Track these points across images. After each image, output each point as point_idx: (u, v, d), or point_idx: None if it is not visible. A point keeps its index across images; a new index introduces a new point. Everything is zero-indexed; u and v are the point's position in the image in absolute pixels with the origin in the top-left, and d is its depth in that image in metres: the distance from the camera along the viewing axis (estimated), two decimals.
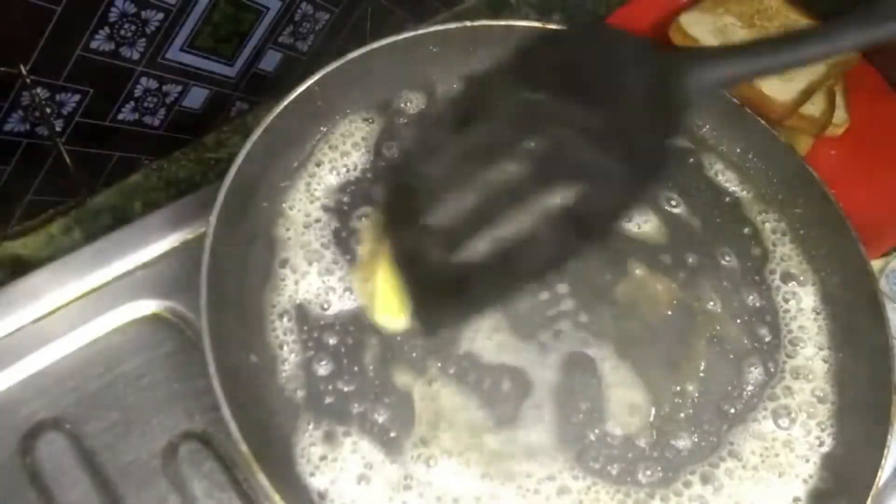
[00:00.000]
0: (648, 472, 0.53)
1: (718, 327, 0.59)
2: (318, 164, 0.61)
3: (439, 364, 0.54)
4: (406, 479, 0.51)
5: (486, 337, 0.56)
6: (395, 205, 0.52)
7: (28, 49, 0.53)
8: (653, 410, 0.55)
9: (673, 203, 0.64)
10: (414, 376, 0.54)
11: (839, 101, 0.77)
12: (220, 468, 0.54)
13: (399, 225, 0.51)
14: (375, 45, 0.62)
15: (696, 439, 0.54)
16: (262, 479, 0.45)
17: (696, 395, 0.56)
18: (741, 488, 0.53)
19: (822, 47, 0.45)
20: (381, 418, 0.52)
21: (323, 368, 0.54)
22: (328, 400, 0.52)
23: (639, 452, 0.54)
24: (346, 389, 0.53)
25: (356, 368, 0.54)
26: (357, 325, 0.55)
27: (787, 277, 0.62)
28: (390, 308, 0.51)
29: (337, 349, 0.54)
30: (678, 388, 0.56)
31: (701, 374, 0.57)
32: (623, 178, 0.46)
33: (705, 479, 0.53)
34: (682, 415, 0.55)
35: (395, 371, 0.54)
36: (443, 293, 0.49)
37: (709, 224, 0.64)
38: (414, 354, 0.54)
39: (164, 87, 0.63)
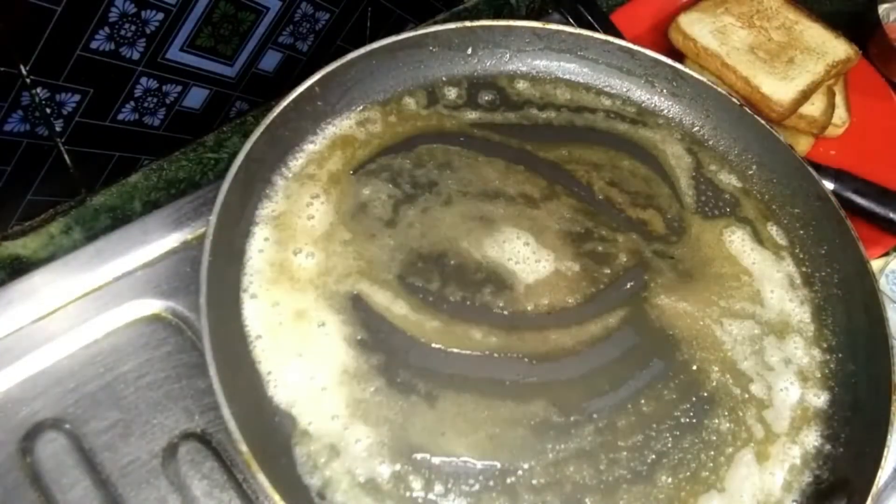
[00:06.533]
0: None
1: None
2: (318, 165, 0.61)
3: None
4: (405, 481, 0.51)
5: None
6: None
7: (28, 49, 0.53)
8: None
9: None
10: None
11: (839, 101, 0.77)
12: (220, 468, 0.54)
13: None
14: (375, 45, 0.62)
15: (696, 439, 0.54)
16: (262, 479, 0.45)
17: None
18: (741, 488, 0.53)
19: None
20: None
21: None
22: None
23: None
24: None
25: None
26: None
27: (787, 278, 0.62)
28: None
29: None
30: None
31: None
32: None
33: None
34: (684, 420, 0.55)
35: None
36: None
37: None
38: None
39: (164, 87, 0.63)
